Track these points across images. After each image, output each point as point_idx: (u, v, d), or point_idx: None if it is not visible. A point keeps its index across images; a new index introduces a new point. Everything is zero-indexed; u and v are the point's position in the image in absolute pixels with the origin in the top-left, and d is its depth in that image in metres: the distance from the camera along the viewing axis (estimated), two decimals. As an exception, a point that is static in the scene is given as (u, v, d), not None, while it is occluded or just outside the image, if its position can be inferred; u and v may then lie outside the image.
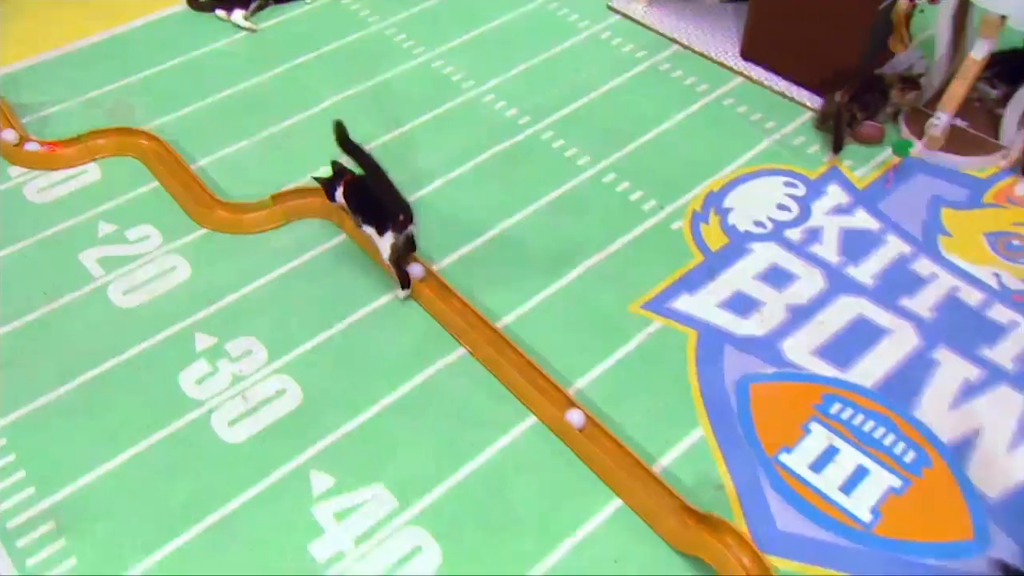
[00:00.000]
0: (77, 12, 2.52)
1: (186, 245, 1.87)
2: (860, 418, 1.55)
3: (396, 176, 1.96)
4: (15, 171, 2.03)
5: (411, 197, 1.95)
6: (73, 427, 1.54)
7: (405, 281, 1.74)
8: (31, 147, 2.04)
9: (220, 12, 2.46)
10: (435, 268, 1.81)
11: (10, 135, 2.05)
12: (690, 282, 1.79)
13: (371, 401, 1.60)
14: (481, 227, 1.92)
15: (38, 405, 1.57)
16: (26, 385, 1.60)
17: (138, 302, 1.75)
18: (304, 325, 1.72)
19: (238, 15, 2.43)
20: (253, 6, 2.46)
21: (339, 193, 1.80)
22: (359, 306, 1.76)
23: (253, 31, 2.44)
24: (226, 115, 2.19)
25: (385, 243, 1.71)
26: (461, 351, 1.69)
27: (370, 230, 1.74)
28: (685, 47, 2.38)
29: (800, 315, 1.73)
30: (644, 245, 1.88)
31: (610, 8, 2.53)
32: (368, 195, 1.76)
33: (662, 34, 2.42)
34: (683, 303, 1.75)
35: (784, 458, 1.50)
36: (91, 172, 2.04)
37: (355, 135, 1.76)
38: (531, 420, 1.57)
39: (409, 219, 1.70)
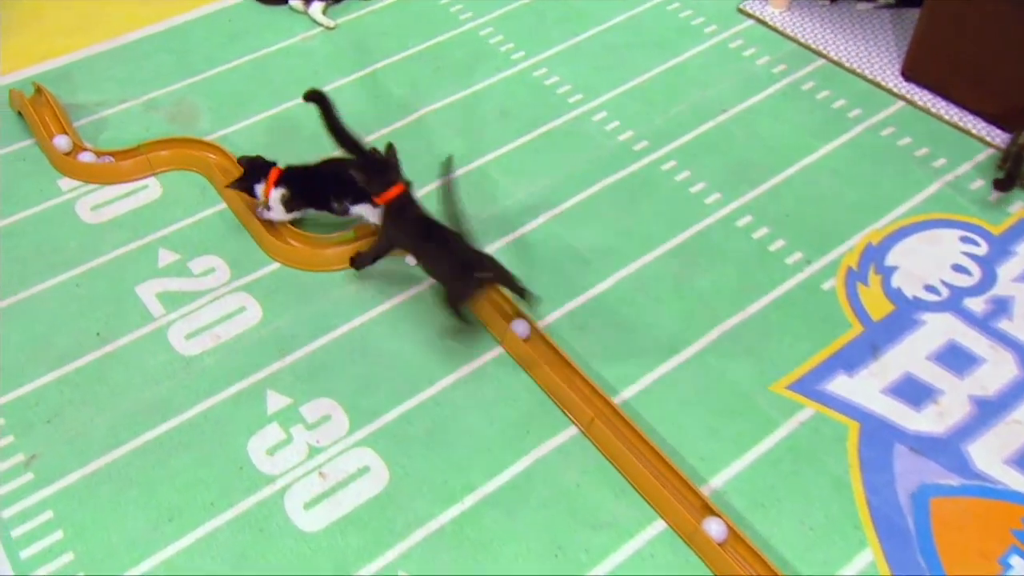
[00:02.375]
0: (132, -1, 2.46)
1: (256, 282, 1.76)
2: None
3: (491, 209, 1.86)
4: (67, 183, 1.95)
5: (509, 235, 1.84)
6: (128, 501, 1.44)
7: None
8: (86, 157, 1.97)
9: (295, 3, 2.35)
10: (541, 326, 1.67)
11: (63, 142, 1.96)
12: (848, 359, 1.61)
13: (467, 488, 1.46)
14: (593, 276, 1.76)
15: (88, 471, 1.47)
16: (76, 445, 1.51)
17: (202, 349, 1.64)
18: (389, 387, 1.60)
19: (316, 8, 2.31)
20: (332, -3, 2.37)
21: (260, 189, 1.75)
22: (453, 367, 1.62)
23: (331, 27, 2.32)
24: (301, 126, 2.06)
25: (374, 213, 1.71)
26: (572, 431, 1.54)
27: (360, 208, 1.72)
28: (833, 62, 2.17)
29: (988, 411, 1.53)
30: (788, 308, 1.70)
31: (741, 11, 2.34)
32: (314, 178, 1.74)
33: (804, 45, 2.22)
34: (840, 386, 1.57)
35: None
36: (151, 188, 1.94)
37: (447, 153, 1.64)
38: (659, 526, 1.41)
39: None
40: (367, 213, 1.75)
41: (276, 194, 1.76)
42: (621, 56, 2.24)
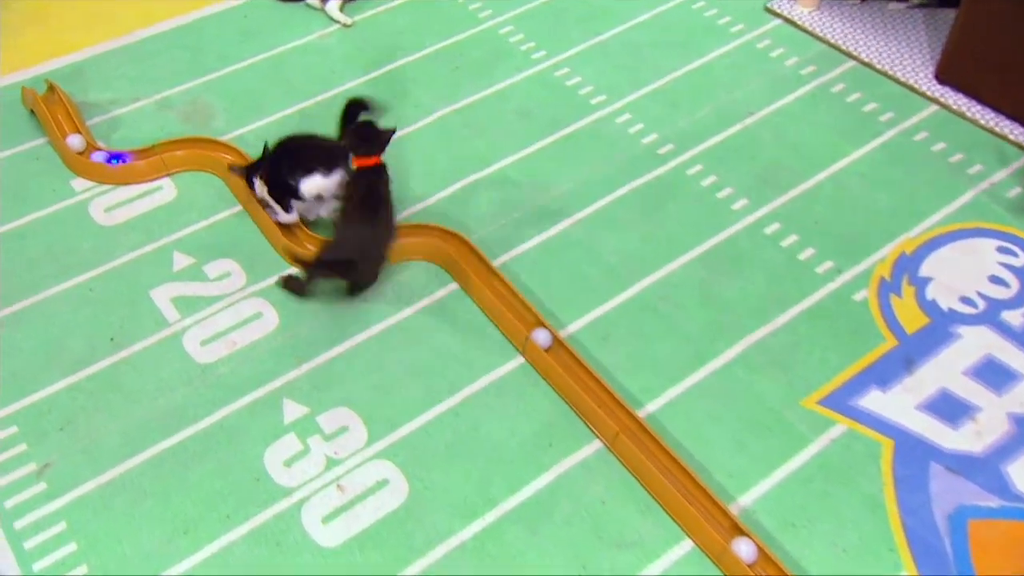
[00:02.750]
0: (146, -7, 2.44)
1: (273, 287, 1.73)
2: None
3: (511, 213, 1.83)
4: (80, 184, 1.93)
5: (530, 241, 1.81)
6: (142, 512, 1.42)
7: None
8: (98, 157, 1.95)
9: None
10: (563, 335, 1.64)
11: (76, 142, 1.94)
12: (881, 374, 1.57)
13: (489, 503, 1.43)
14: (617, 284, 1.73)
15: (103, 481, 1.45)
16: (89, 454, 1.49)
17: (218, 356, 1.62)
18: (408, 397, 1.57)
19: (333, 5, 2.28)
20: (349, -7, 2.34)
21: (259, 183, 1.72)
22: (473, 377, 1.59)
23: (347, 24, 2.29)
24: (318, 126, 1.99)
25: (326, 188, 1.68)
26: (596, 445, 1.51)
27: (310, 182, 1.66)
28: (863, 63, 2.13)
29: (1028, 429, 1.51)
30: (819, 319, 1.67)
31: (768, 10, 2.29)
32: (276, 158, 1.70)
33: (834, 45, 2.18)
34: (873, 401, 1.54)
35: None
36: (166, 189, 1.92)
37: (466, 157, 1.60)
38: (686, 546, 1.38)
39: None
40: (319, 188, 1.67)
41: (259, 185, 1.73)
42: (645, 56, 2.21)
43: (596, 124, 2.04)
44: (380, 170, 1.67)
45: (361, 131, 1.68)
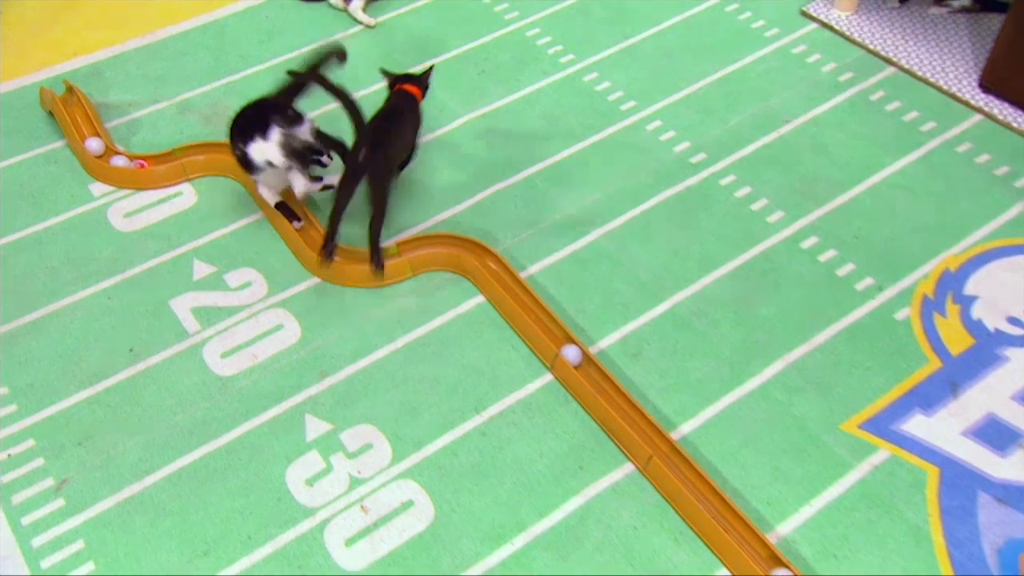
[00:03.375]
0: (166, -8, 2.41)
1: (294, 298, 1.70)
2: None
3: (538, 223, 1.79)
4: (98, 188, 1.91)
5: (558, 252, 1.77)
6: (161, 532, 1.39)
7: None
8: (118, 161, 1.92)
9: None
10: (593, 352, 1.61)
11: (95, 145, 1.92)
12: (925, 397, 1.52)
13: (517, 528, 1.40)
14: (648, 299, 1.69)
15: (121, 498, 1.43)
16: (108, 469, 1.46)
17: (238, 369, 1.59)
18: (434, 415, 1.54)
19: (356, 5, 2.24)
20: (372, -7, 2.30)
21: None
22: (500, 395, 1.56)
23: (371, 25, 2.25)
24: (341, 130, 1.96)
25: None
26: (628, 468, 1.47)
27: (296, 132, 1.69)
28: (904, 70, 2.07)
29: (1080, 459, 1.46)
30: (859, 339, 1.62)
31: (804, 13, 2.24)
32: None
33: (873, 51, 2.12)
34: (917, 426, 1.49)
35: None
36: (186, 195, 1.89)
37: (492, 164, 1.57)
38: (723, 576, 1.37)
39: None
40: (264, 154, 1.65)
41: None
42: (676, 61, 2.16)
43: (626, 131, 2.00)
44: (412, 98, 1.83)
45: (407, 74, 1.89)
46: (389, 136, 1.74)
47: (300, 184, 1.73)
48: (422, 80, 1.86)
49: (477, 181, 1.92)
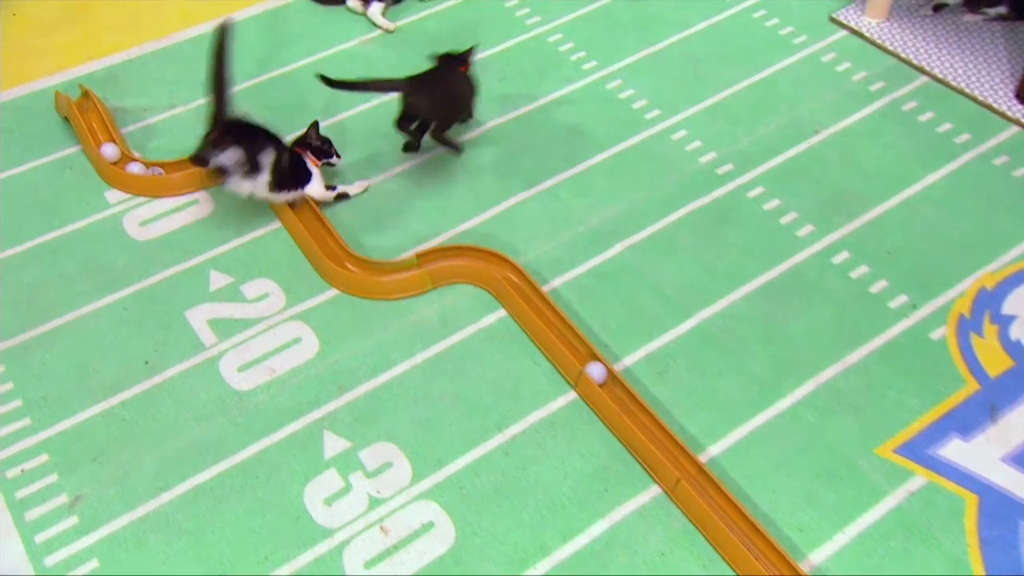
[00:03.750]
0: (182, -5, 2.39)
1: (312, 310, 1.68)
2: None
3: (561, 235, 1.76)
4: (114, 196, 1.89)
5: (581, 265, 1.74)
6: (177, 552, 1.37)
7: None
8: (134, 168, 1.91)
9: (353, 3, 2.26)
10: (618, 369, 1.58)
11: (111, 151, 1.90)
12: (962, 421, 1.48)
13: (541, 552, 1.36)
14: (674, 315, 1.65)
15: (136, 516, 1.40)
16: (123, 486, 1.44)
17: (256, 383, 1.57)
18: (455, 433, 1.51)
19: (376, 9, 2.22)
20: (392, -3, 2.27)
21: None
22: (523, 413, 1.53)
23: (390, 30, 2.22)
24: (359, 140, 1.98)
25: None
26: (655, 490, 1.43)
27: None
28: (937, 80, 2.03)
29: (1125, 488, 1.41)
30: (893, 359, 1.58)
31: (833, 20, 2.20)
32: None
33: (904, 60, 2.08)
34: (954, 452, 1.45)
35: None
36: (202, 203, 1.87)
37: (513, 174, 1.54)
38: (753, 606, 1.33)
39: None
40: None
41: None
42: (702, 68, 2.12)
43: (651, 141, 1.97)
44: (457, 69, 1.92)
45: (447, 53, 1.94)
46: (429, 80, 1.87)
47: (318, 191, 1.76)
48: (463, 57, 1.92)
49: (498, 191, 1.89)
